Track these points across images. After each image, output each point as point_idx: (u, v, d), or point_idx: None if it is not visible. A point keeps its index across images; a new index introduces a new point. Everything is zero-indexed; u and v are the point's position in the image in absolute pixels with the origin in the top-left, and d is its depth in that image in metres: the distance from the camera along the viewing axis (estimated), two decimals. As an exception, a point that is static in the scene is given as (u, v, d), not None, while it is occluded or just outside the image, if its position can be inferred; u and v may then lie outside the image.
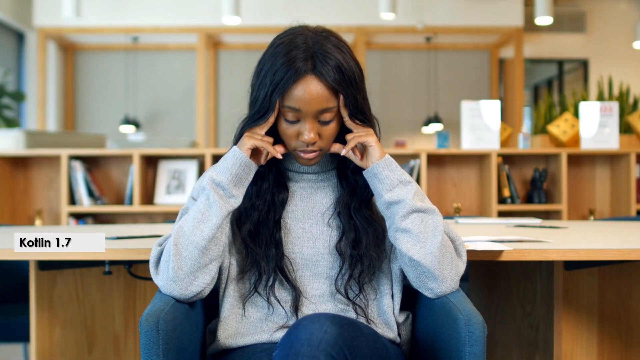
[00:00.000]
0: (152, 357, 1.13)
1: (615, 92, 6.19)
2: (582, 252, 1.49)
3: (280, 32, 1.27)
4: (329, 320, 1.07)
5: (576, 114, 4.20)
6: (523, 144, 3.98)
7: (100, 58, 7.95)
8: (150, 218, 3.85)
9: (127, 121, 7.54)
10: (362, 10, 7.05)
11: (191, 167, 3.86)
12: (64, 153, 3.67)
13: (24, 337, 2.22)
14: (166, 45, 7.85)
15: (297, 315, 1.28)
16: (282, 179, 1.33)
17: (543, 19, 6.24)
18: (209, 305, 1.38)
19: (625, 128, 4.30)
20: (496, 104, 3.76)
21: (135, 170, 3.71)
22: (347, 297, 1.29)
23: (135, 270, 1.77)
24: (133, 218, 3.87)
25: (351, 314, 1.29)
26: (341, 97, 1.22)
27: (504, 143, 4.13)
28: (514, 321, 2.10)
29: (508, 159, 3.90)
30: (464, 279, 1.31)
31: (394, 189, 1.24)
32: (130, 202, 3.75)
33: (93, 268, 1.95)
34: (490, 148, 3.75)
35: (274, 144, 1.27)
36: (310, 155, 1.26)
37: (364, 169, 1.27)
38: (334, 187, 1.35)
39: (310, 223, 1.32)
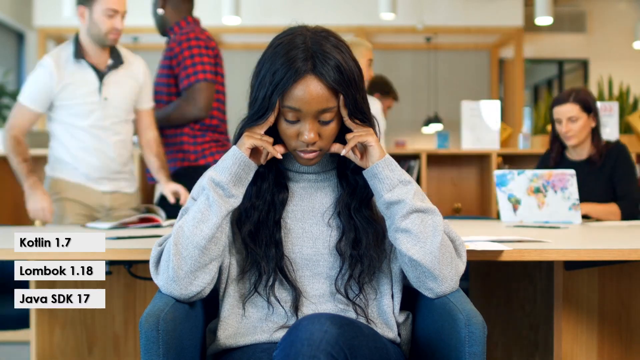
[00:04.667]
0: (152, 357, 1.13)
1: (615, 92, 6.18)
2: (582, 252, 1.49)
3: (280, 32, 1.28)
4: (329, 320, 1.07)
5: (576, 114, 4.18)
6: (523, 144, 3.98)
7: (100, 58, 7.93)
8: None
9: (127, 121, 7.53)
10: (362, 10, 7.05)
11: (191, 167, 3.84)
12: (64, 153, 3.65)
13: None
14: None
15: (297, 315, 1.28)
16: (282, 179, 1.33)
17: (543, 19, 6.24)
18: (209, 305, 1.38)
19: (625, 128, 4.29)
20: (496, 104, 3.77)
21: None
22: (347, 297, 1.28)
23: (135, 270, 1.77)
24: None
25: (351, 314, 1.29)
26: (341, 97, 1.22)
27: (504, 143, 4.13)
28: (514, 321, 2.10)
29: (508, 159, 3.90)
30: (463, 279, 1.31)
31: (394, 189, 1.24)
32: (130, 202, 3.74)
33: (93, 268, 1.94)
34: (490, 148, 3.75)
35: (274, 144, 1.27)
36: (310, 155, 1.26)
37: (364, 169, 1.27)
38: (334, 187, 1.35)
39: (310, 223, 1.32)
